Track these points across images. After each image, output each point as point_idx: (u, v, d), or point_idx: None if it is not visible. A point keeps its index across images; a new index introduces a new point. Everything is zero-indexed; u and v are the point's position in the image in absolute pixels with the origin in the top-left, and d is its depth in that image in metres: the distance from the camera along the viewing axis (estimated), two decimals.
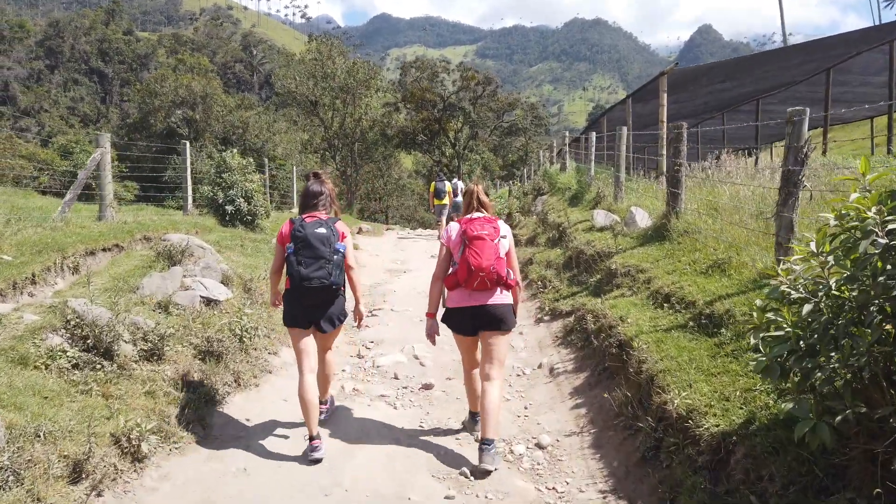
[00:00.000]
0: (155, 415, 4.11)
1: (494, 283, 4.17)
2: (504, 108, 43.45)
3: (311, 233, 4.22)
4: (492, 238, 4.20)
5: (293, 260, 4.20)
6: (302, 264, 4.17)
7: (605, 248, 7.61)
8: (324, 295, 4.26)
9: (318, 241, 4.21)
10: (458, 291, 4.25)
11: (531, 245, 11.65)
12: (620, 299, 5.98)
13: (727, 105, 19.81)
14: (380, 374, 6.00)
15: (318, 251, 4.19)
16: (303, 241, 4.21)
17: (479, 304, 4.20)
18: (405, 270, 11.54)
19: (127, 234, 8.01)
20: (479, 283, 4.13)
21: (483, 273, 4.10)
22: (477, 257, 4.11)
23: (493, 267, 4.13)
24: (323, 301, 4.30)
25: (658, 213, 7.72)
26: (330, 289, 4.23)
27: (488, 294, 4.20)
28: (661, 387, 3.97)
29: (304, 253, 4.19)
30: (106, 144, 8.59)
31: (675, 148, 7.12)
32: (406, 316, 8.11)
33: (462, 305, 4.24)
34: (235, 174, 11.66)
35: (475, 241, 4.17)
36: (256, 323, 6.14)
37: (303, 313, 4.32)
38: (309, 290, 4.18)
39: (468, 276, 4.12)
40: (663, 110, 11.83)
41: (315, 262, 4.17)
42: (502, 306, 4.24)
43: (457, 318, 4.31)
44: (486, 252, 4.14)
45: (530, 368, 6.05)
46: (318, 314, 4.33)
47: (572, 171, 15.04)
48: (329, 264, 4.20)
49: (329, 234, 4.26)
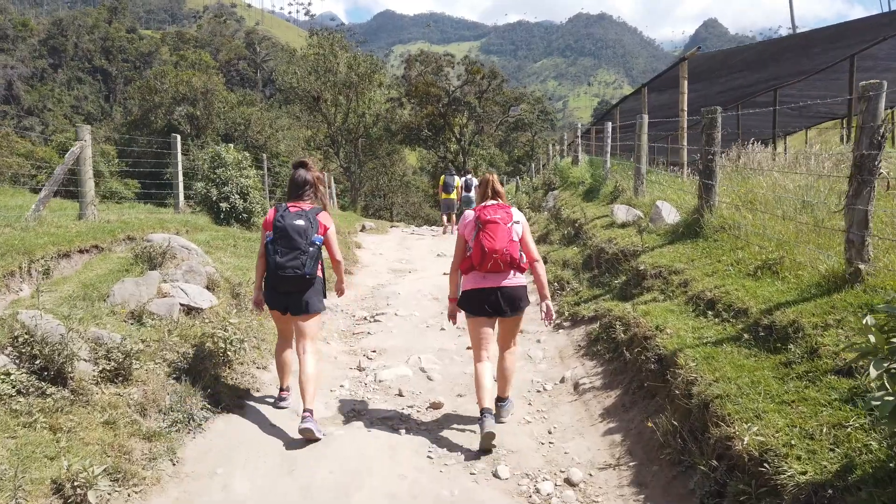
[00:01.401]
0: (113, 450, 3.45)
1: (508, 266, 4.28)
2: (510, 103, 42.67)
3: (290, 224, 4.36)
4: (504, 222, 4.33)
5: (270, 249, 4.37)
6: (278, 253, 4.34)
7: (630, 247, 6.92)
8: (298, 284, 4.40)
9: (295, 233, 4.35)
10: (473, 274, 4.38)
11: (544, 243, 10.96)
12: (653, 305, 5.28)
13: (744, 96, 19.03)
14: (382, 391, 5.32)
15: (294, 242, 4.34)
16: (281, 232, 4.36)
17: (493, 286, 4.32)
18: (410, 270, 10.86)
19: (108, 234, 7.36)
20: (493, 265, 4.25)
21: (496, 255, 4.22)
22: (490, 240, 4.24)
23: (507, 249, 4.24)
24: (297, 289, 4.43)
25: (687, 207, 7.02)
26: (304, 278, 4.37)
27: (502, 276, 4.33)
28: (719, 416, 3.28)
29: (281, 243, 4.35)
30: (86, 137, 7.93)
31: (709, 135, 6.42)
32: (411, 321, 7.44)
33: (477, 287, 4.35)
34: (230, 169, 11.00)
35: (488, 225, 4.30)
36: (244, 334, 5.48)
37: (279, 299, 4.50)
38: (283, 278, 4.35)
39: (482, 259, 4.24)
40: (684, 98, 11.12)
41: (290, 252, 4.33)
42: (517, 288, 4.38)
43: (472, 300, 4.40)
44: (499, 235, 4.27)
45: (552, 383, 5.36)
46: (291, 301, 4.47)
47: (585, 164, 14.33)
48: (304, 255, 4.34)
49: (307, 226, 4.39)
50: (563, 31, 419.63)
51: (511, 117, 41.69)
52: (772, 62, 15.01)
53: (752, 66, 15.02)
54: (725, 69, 15.11)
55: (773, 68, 15.62)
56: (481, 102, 40.07)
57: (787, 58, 14.65)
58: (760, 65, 15.02)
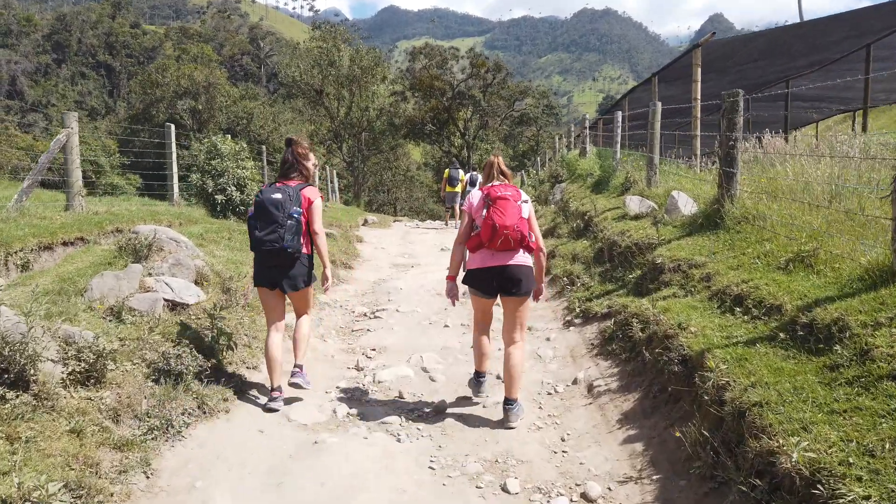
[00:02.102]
0: (78, 462, 3.08)
1: (517, 243, 4.20)
2: (515, 97, 42.18)
3: (267, 198, 4.36)
4: (515, 199, 4.25)
5: (251, 224, 4.39)
6: (257, 228, 4.35)
7: (645, 239, 6.53)
8: (280, 258, 4.39)
9: (272, 206, 4.33)
10: (481, 252, 4.28)
11: (551, 236, 10.58)
12: (673, 301, 4.90)
13: (756, 87, 18.55)
14: (381, 393, 4.95)
15: (271, 216, 4.32)
16: (259, 206, 4.37)
17: (501, 265, 4.23)
18: (413, 265, 10.48)
19: (95, 225, 7.02)
20: (503, 241, 4.15)
21: (507, 231, 4.12)
22: (501, 216, 4.14)
23: (517, 226, 4.16)
24: (281, 263, 4.42)
25: (705, 197, 6.62)
26: (284, 252, 4.34)
27: (511, 254, 4.24)
28: (758, 427, 2.89)
29: (259, 217, 4.36)
30: (72, 124, 7.58)
31: (730, 120, 6.02)
32: (413, 318, 7.06)
33: (485, 266, 4.26)
34: (227, 161, 10.65)
35: (498, 201, 4.20)
36: (234, 331, 5.12)
37: (264, 274, 4.48)
38: (264, 252, 4.38)
39: (492, 235, 4.14)
40: (697, 87, 10.72)
41: (268, 226, 4.32)
42: (524, 267, 4.28)
43: (479, 278, 4.32)
44: (510, 211, 4.17)
45: (563, 384, 4.98)
46: (278, 276, 4.45)
47: (593, 156, 13.92)
48: (281, 228, 4.30)
49: (284, 198, 4.36)
50: (568, 27, 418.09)
51: (516, 111, 41.24)
52: (784, 52, 14.55)
53: (765, 56, 14.57)
54: (737, 59, 14.67)
55: (785, 59, 15.16)
56: (486, 96, 39.62)
57: (799, 48, 14.19)
58: (772, 55, 14.57)
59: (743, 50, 14.39)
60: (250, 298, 6.12)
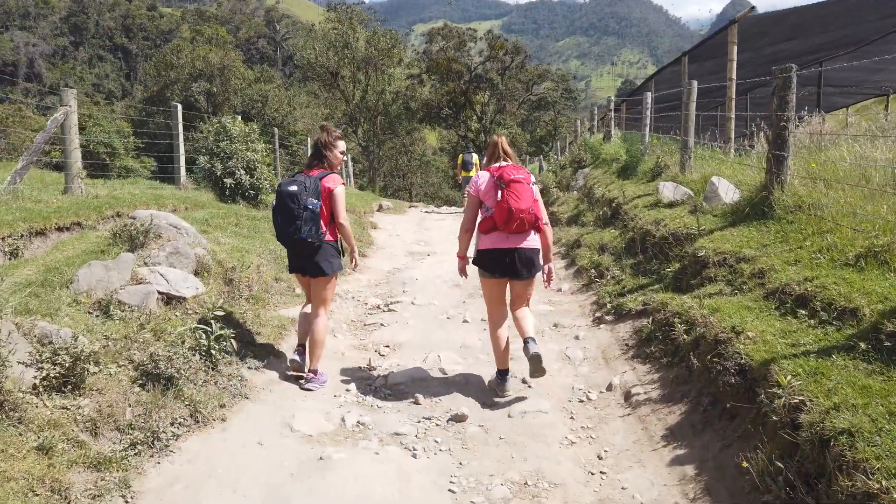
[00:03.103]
0: (44, 486, 2.66)
1: (531, 226, 4.26)
2: (533, 80, 41.38)
3: (284, 191, 4.44)
4: (527, 182, 4.28)
5: (273, 216, 4.52)
6: (278, 220, 4.46)
7: (682, 229, 6.00)
8: (300, 247, 4.47)
9: (287, 199, 4.40)
10: (495, 234, 4.29)
11: (574, 224, 10.05)
12: (721, 300, 4.38)
13: None
14: (395, 397, 4.50)
15: (287, 208, 4.40)
16: (278, 198, 4.46)
17: (513, 247, 4.27)
18: (429, 253, 10.01)
19: (93, 210, 6.62)
20: (518, 224, 4.19)
21: (523, 214, 4.16)
22: (516, 199, 4.16)
23: (531, 209, 4.22)
24: (304, 252, 4.49)
25: (750, 184, 6.06)
26: (304, 242, 4.41)
27: (523, 237, 4.29)
28: (849, 461, 2.40)
29: (278, 209, 4.46)
30: (71, 102, 7.16)
31: (782, 98, 5.44)
32: (430, 312, 6.60)
33: (497, 247, 4.29)
34: (236, 143, 10.20)
35: (513, 185, 4.19)
36: (236, 327, 4.69)
37: (294, 262, 4.62)
38: (286, 242, 4.52)
39: (508, 218, 4.16)
40: (733, 66, 10.07)
41: (286, 218, 4.41)
42: (533, 250, 4.36)
43: (491, 259, 4.33)
44: (525, 194, 4.21)
45: (597, 391, 4.50)
46: (304, 263, 4.54)
47: (618, 139, 13.31)
48: (298, 220, 4.37)
49: (299, 190, 4.40)
50: (587, 10, 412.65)
51: (535, 95, 40.45)
52: (818, 31, 13.80)
53: (798, 34, 13.84)
54: (771, 38, 13.94)
55: (819, 38, 14.40)
56: (504, 79, 38.89)
57: (835, 26, 13.44)
58: (807, 34, 13.82)
59: (775, 29, 13.66)
60: (255, 290, 5.70)
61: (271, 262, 6.71)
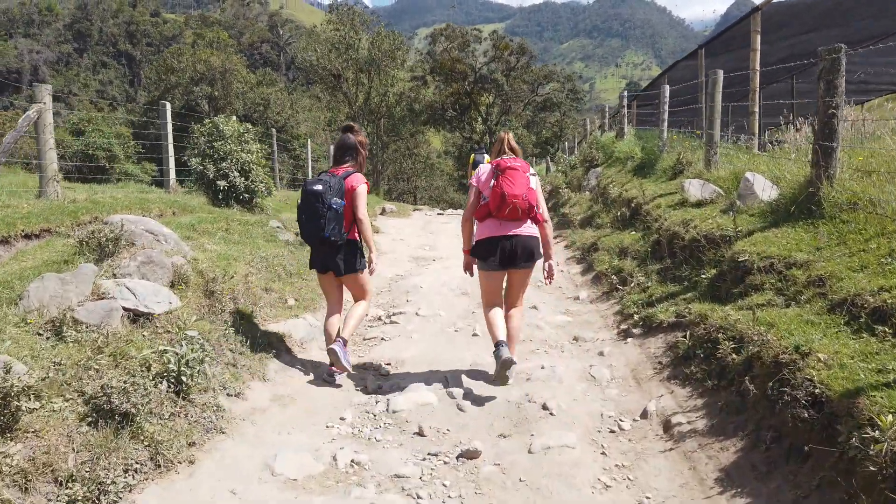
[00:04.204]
0: None
1: (525, 213, 4.25)
2: (539, 81, 40.77)
3: (309, 189, 4.46)
4: (523, 170, 4.31)
5: (298, 215, 4.56)
6: (303, 218, 4.49)
7: (716, 230, 5.39)
8: (325, 247, 4.49)
9: (312, 198, 4.42)
10: (490, 222, 4.32)
11: (589, 226, 9.45)
12: (774, 312, 3.77)
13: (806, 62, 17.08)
14: (396, 427, 3.90)
15: (312, 207, 4.42)
16: (303, 197, 4.49)
17: (508, 234, 4.26)
18: (434, 258, 9.42)
19: (68, 215, 6.07)
20: (511, 210, 4.19)
21: (516, 199, 4.17)
22: (510, 185, 4.19)
23: (525, 195, 4.21)
24: (329, 251, 4.51)
25: (791, 179, 5.45)
26: (328, 241, 4.43)
27: (518, 224, 4.28)
28: None
29: (303, 208, 4.48)
30: (45, 99, 6.61)
31: (829, 83, 4.85)
32: (436, 324, 6.00)
33: (492, 236, 4.29)
34: (230, 143, 9.64)
35: (507, 171, 4.26)
36: (214, 347, 4.10)
37: (317, 259, 4.63)
38: (311, 240, 4.54)
39: (501, 204, 4.18)
40: (756, 56, 9.51)
41: (311, 217, 4.44)
42: (531, 238, 4.32)
43: (486, 248, 4.33)
44: (519, 181, 4.23)
45: (629, 419, 3.88)
46: (329, 261, 4.55)
47: (631, 137, 12.69)
48: (322, 219, 4.38)
49: (324, 189, 4.40)
50: (590, 12, 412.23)
51: (540, 96, 39.84)
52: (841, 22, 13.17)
53: (827, 24, 13.21)
54: (791, 29, 13.31)
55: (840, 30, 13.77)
56: (509, 80, 38.29)
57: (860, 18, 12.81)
58: (830, 24, 13.20)
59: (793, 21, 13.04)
60: (241, 303, 5.11)
61: (262, 271, 6.13)
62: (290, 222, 9.32)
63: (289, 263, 6.79)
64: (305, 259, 7.48)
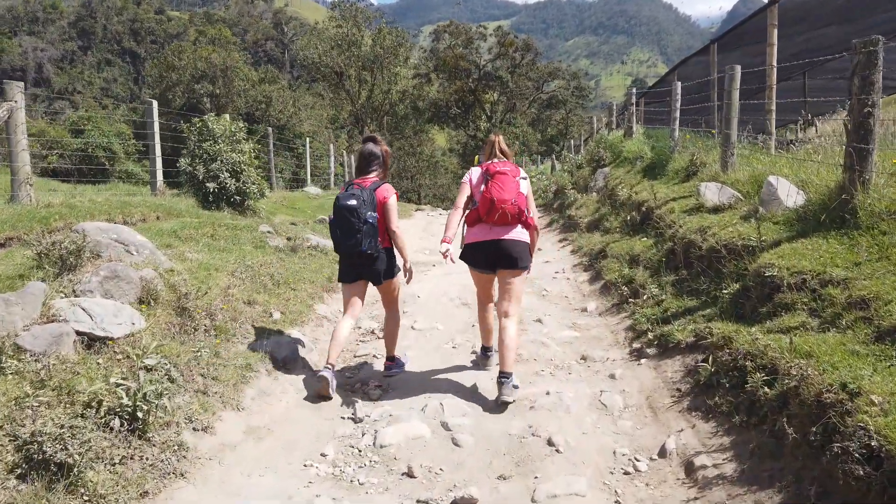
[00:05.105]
0: None
1: (515, 218, 4.24)
2: (544, 78, 40.26)
3: (343, 205, 4.42)
4: (513, 175, 4.32)
5: (332, 230, 4.50)
6: (338, 233, 4.45)
7: (736, 239, 4.94)
8: (360, 259, 4.47)
9: (347, 213, 4.39)
10: (479, 227, 4.34)
11: (596, 230, 9.01)
12: (811, 338, 3.32)
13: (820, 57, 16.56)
14: (383, 467, 3.46)
15: (348, 222, 4.39)
16: (337, 213, 4.44)
17: (497, 239, 4.26)
18: (434, 263, 8.98)
19: (38, 222, 5.67)
20: (500, 216, 4.20)
21: (505, 205, 4.17)
22: (500, 190, 4.21)
23: (515, 200, 4.21)
24: (363, 262, 4.49)
25: (820, 184, 4.99)
26: (364, 254, 4.41)
27: (508, 229, 4.27)
28: None
29: (338, 224, 4.45)
30: (17, 97, 6.20)
31: (864, 79, 4.39)
32: (433, 339, 5.57)
33: (481, 240, 4.30)
34: (220, 143, 9.23)
35: (497, 176, 4.28)
36: (186, 369, 3.68)
37: (349, 272, 4.60)
38: (346, 254, 4.50)
39: (490, 209, 4.20)
40: (773, 51, 8.98)
41: (346, 232, 4.41)
42: (520, 243, 4.30)
43: (476, 252, 4.36)
44: (508, 186, 4.24)
45: (646, 457, 3.44)
46: (364, 270, 4.55)
47: (640, 136, 12.22)
48: (359, 234, 4.37)
49: (358, 205, 4.38)
50: (596, 9, 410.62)
51: (545, 93, 39.34)
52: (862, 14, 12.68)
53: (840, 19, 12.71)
54: (809, 23, 12.81)
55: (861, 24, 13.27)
56: (514, 77, 37.80)
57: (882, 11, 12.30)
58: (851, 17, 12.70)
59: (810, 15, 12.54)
60: (219, 320, 4.68)
61: (246, 281, 5.70)
62: (282, 226, 8.90)
63: (277, 272, 6.36)
64: (296, 267, 7.08)
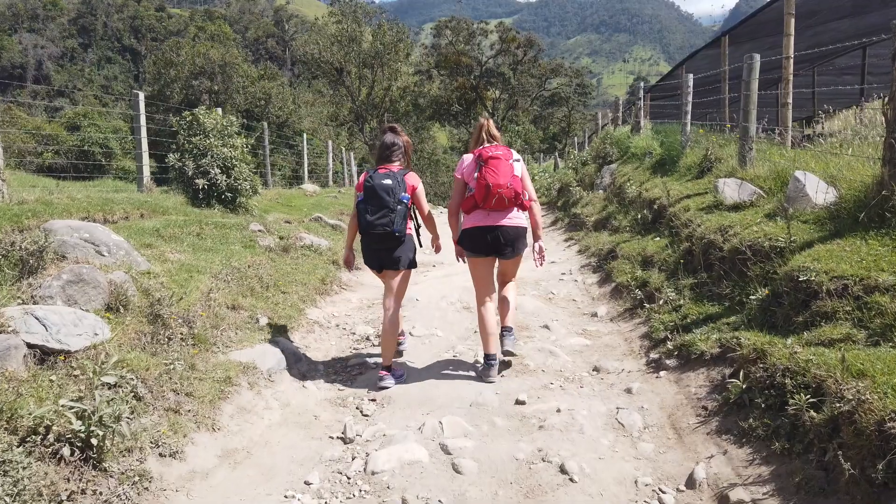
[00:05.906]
0: None
1: (511, 202, 4.24)
2: (546, 75, 39.80)
3: (378, 184, 4.38)
4: (506, 158, 4.30)
5: (361, 208, 4.41)
6: (368, 212, 4.37)
7: (762, 240, 4.53)
8: (388, 241, 4.43)
9: (383, 192, 4.35)
10: (476, 213, 4.33)
11: (604, 229, 8.60)
12: (862, 354, 2.92)
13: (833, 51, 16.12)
14: (374, 497, 3.06)
15: (383, 201, 4.35)
16: (370, 192, 4.39)
17: (495, 224, 4.26)
18: (433, 264, 8.58)
19: (8, 220, 5.26)
20: (497, 200, 4.19)
21: (501, 190, 4.16)
22: (494, 175, 4.19)
23: (510, 184, 4.20)
24: (388, 246, 4.45)
25: (854, 179, 4.58)
26: (392, 235, 4.38)
27: (504, 213, 4.28)
28: None
29: (370, 202, 4.38)
30: None
31: None
32: (432, 347, 5.17)
33: (479, 225, 4.30)
34: (211, 137, 8.83)
35: (490, 161, 4.25)
36: (155, 385, 3.28)
37: (372, 257, 4.56)
38: (374, 235, 4.41)
39: (486, 195, 4.19)
40: (790, 42, 8.53)
41: (380, 210, 4.35)
42: (518, 228, 4.33)
43: (473, 238, 4.35)
44: (502, 170, 4.22)
45: (672, 487, 3.03)
46: (384, 258, 4.50)
47: (649, 131, 11.80)
48: (392, 213, 4.34)
49: (395, 185, 4.38)
50: (598, 7, 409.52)
51: (548, 90, 38.89)
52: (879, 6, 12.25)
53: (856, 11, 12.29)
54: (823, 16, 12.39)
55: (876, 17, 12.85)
56: (516, 74, 37.35)
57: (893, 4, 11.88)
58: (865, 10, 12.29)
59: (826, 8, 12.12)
60: (198, 328, 4.28)
61: (231, 284, 5.31)
62: (275, 225, 8.49)
63: (266, 274, 5.97)
64: (287, 268, 6.68)
